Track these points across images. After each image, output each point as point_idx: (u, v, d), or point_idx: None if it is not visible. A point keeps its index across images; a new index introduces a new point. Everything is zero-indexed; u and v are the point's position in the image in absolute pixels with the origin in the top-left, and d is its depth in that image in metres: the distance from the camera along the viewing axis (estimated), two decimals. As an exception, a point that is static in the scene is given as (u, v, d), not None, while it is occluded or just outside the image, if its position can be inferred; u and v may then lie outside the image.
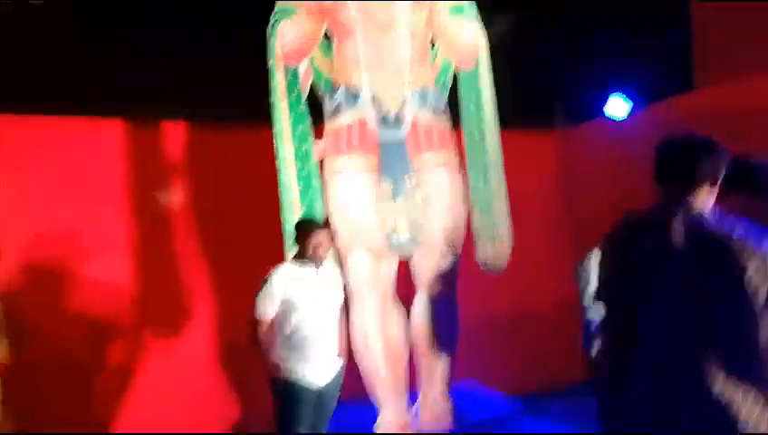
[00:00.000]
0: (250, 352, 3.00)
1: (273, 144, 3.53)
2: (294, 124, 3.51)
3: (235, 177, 4.06)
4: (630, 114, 5.08)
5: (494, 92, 3.84)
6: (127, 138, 3.98)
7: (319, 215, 3.52)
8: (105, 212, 3.87)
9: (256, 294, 2.93)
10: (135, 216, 3.97)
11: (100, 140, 3.92)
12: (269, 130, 3.54)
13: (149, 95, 3.91)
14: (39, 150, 3.72)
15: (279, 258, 3.29)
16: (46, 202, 3.69)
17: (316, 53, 3.66)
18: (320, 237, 3.02)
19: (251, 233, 3.85)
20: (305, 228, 3.08)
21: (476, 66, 3.83)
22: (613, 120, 5.11)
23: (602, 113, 5.19)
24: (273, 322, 2.93)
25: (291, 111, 3.50)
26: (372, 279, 3.57)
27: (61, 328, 3.63)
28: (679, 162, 1.73)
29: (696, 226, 1.66)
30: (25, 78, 3.82)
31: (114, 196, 3.91)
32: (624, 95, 5.09)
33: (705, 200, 1.72)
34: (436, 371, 3.64)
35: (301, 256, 3.06)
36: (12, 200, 3.61)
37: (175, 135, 4.11)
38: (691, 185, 1.71)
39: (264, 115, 3.55)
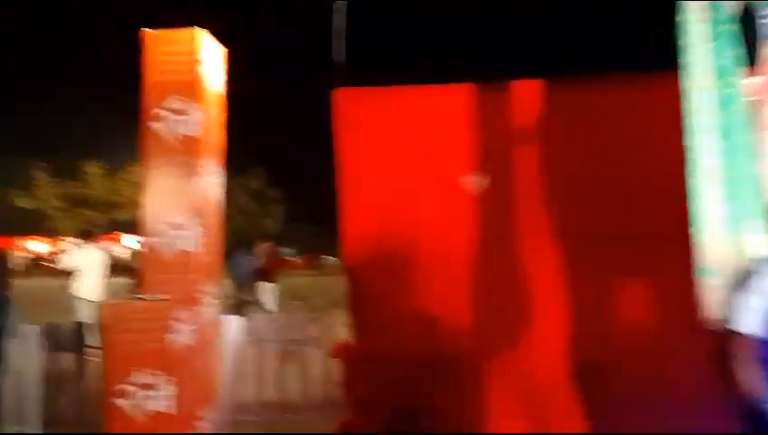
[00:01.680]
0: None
1: (668, 93, 2.58)
2: (718, 53, 2.42)
3: (611, 143, 3.15)
4: None
5: None
6: (476, 102, 3.43)
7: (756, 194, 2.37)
8: (455, 181, 3.45)
9: (731, 300, 2.23)
10: (484, 187, 3.43)
11: (450, 107, 3.48)
12: (661, 81, 2.60)
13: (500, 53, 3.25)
14: (393, 120, 3.52)
15: (680, 254, 2.35)
16: (398, 171, 3.47)
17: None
18: None
19: (634, 215, 2.92)
20: None
21: None
22: None
23: None
24: (750, 338, 2.22)
25: (712, 34, 2.42)
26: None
27: (403, 312, 3.29)
28: None
29: None
30: (379, 49, 3.58)
31: (463, 165, 3.45)
32: None
33: None
34: None
35: None
36: (366, 170, 3.49)
37: (528, 96, 3.40)
38: None
39: (655, 60, 2.64)
